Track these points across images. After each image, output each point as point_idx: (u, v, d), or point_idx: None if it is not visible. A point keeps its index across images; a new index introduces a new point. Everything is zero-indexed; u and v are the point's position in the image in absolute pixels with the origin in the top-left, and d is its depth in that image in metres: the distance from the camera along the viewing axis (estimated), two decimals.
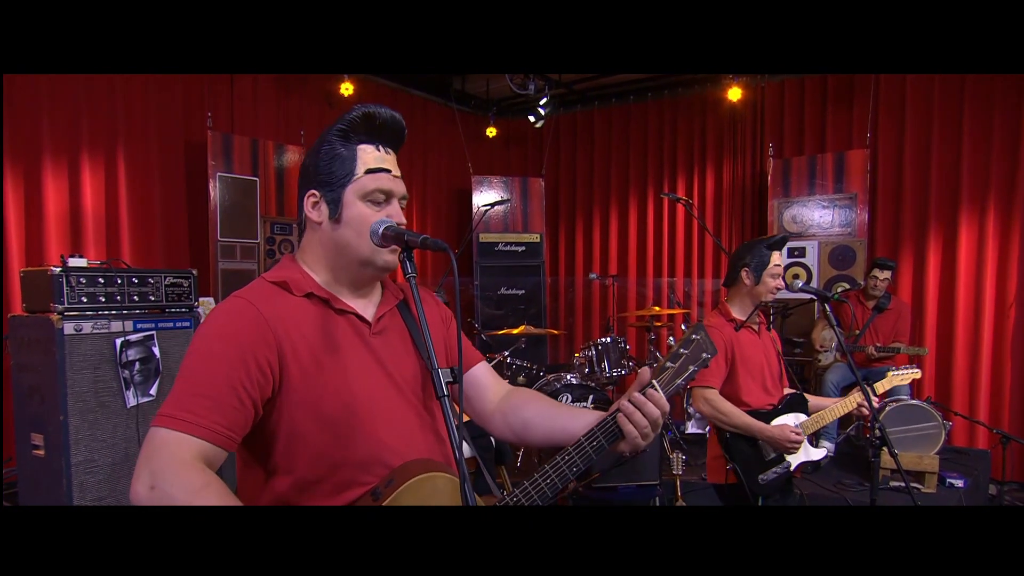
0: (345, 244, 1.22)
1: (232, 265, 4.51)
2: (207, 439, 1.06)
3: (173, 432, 1.05)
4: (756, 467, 2.46)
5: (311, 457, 1.15)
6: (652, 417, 1.23)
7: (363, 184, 1.21)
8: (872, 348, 4.50)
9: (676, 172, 6.32)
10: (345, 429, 1.16)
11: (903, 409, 3.95)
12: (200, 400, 1.07)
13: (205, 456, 1.05)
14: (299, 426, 1.15)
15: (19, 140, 3.74)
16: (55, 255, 3.74)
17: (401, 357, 1.27)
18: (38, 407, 2.93)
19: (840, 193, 5.20)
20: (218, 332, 1.14)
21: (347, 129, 1.22)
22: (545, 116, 5.82)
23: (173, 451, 1.03)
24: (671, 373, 1.36)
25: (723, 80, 5.56)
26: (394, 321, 1.31)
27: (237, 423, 1.09)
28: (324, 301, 1.22)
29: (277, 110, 5.18)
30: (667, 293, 6.18)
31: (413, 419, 1.25)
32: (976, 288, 4.88)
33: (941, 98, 5.01)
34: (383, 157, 1.24)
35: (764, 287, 2.57)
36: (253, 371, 1.11)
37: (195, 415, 1.06)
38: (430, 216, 6.56)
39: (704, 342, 1.39)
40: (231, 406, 1.08)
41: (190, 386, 1.09)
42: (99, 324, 2.97)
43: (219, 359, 1.10)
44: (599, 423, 1.26)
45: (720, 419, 2.50)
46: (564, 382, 4.44)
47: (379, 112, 1.22)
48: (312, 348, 1.17)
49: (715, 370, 2.52)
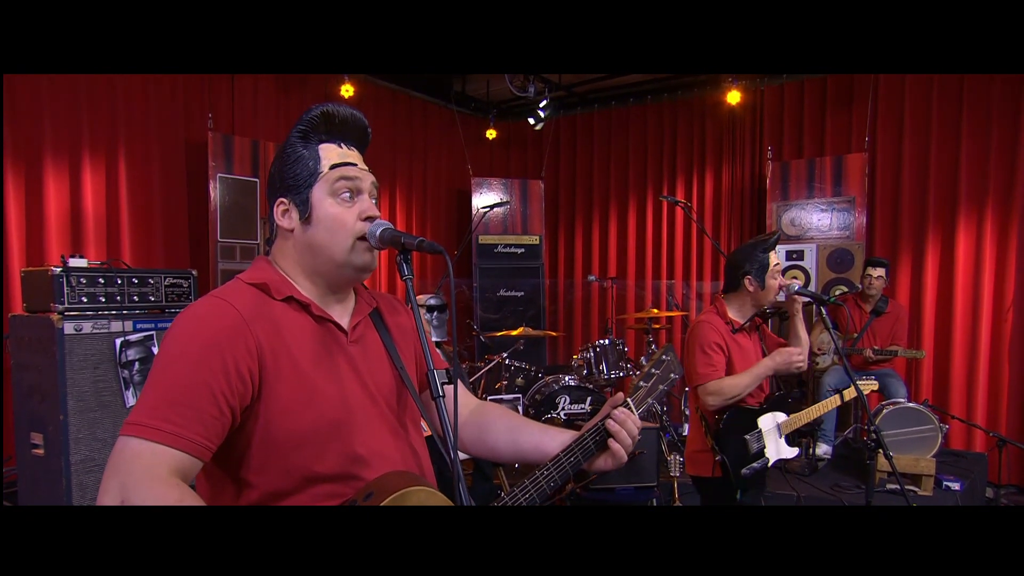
0: (319, 245, 1.16)
1: (232, 266, 4.53)
2: (185, 450, 0.98)
3: (146, 442, 0.96)
4: (741, 460, 2.47)
5: (285, 468, 1.09)
6: (632, 434, 1.28)
7: (328, 179, 1.16)
8: (870, 351, 4.52)
9: (675, 175, 6.34)
10: (323, 439, 1.11)
11: (900, 412, 3.96)
12: (177, 408, 0.99)
13: (181, 468, 0.98)
14: (275, 435, 1.08)
15: (21, 140, 3.76)
16: (56, 255, 3.75)
17: (376, 367, 1.23)
18: (38, 406, 2.94)
19: (839, 196, 5.21)
20: (195, 334, 1.06)
21: (306, 130, 1.19)
22: (545, 119, 5.84)
23: (147, 463, 0.95)
24: (644, 392, 1.40)
25: (722, 83, 5.58)
26: (368, 330, 1.27)
27: (215, 432, 1.02)
28: (304, 307, 1.17)
29: (277, 111, 5.20)
30: (666, 296, 6.19)
31: (387, 431, 1.20)
32: (974, 291, 4.90)
33: (939, 102, 5.03)
34: (346, 153, 1.20)
35: (769, 291, 2.57)
36: (233, 377, 1.04)
37: (172, 424, 0.98)
38: (430, 217, 6.58)
39: (673, 363, 1.43)
40: (211, 415, 1.01)
41: (164, 392, 1.01)
42: (99, 324, 2.98)
43: (197, 364, 1.02)
44: (576, 440, 1.28)
45: (734, 396, 2.49)
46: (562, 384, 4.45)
47: (337, 110, 1.19)
48: (293, 355, 1.11)
49: (718, 363, 2.53)
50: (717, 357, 2.54)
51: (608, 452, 1.29)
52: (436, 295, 3.89)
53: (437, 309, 3.76)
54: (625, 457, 1.28)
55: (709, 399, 2.51)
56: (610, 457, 1.29)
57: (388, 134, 6.03)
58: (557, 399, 4.37)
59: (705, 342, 2.56)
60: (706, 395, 2.52)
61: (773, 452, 2.55)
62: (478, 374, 4.74)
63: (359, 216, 1.17)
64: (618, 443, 1.27)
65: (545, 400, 4.36)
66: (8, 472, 3.46)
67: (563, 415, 4.32)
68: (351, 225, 1.16)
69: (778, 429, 2.60)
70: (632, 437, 1.28)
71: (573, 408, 4.38)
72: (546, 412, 4.32)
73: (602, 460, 1.30)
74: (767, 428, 2.56)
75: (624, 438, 1.27)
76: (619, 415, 1.28)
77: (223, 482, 1.11)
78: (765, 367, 2.52)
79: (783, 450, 2.61)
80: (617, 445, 1.27)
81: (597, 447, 1.29)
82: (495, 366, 4.78)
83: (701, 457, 2.60)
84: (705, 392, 2.52)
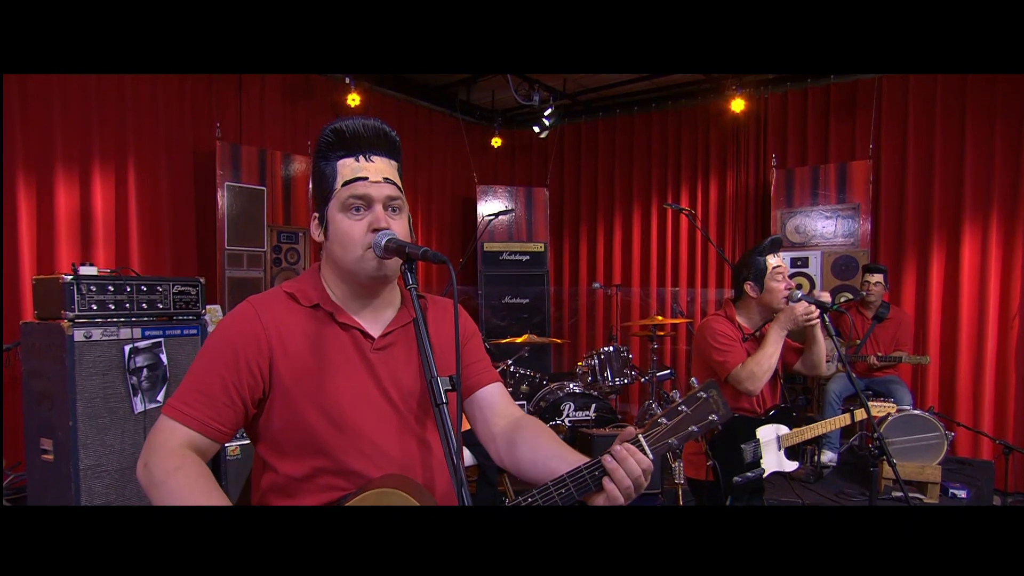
0: (336, 257, 1.26)
1: (239, 273, 4.56)
2: (197, 430, 1.18)
3: (169, 420, 1.18)
4: (733, 468, 2.47)
5: (297, 457, 1.23)
6: (633, 475, 1.13)
7: (339, 196, 1.24)
8: (873, 358, 4.51)
9: (679, 182, 6.36)
10: (328, 438, 1.21)
11: (905, 419, 3.95)
12: (196, 395, 1.19)
13: (195, 444, 1.18)
14: (285, 430, 1.23)
15: (33, 149, 3.82)
16: (66, 263, 3.80)
17: (402, 372, 1.30)
18: (48, 412, 2.97)
19: (843, 203, 5.22)
20: (220, 334, 1.24)
21: (324, 149, 1.26)
22: (550, 127, 5.87)
23: (166, 436, 1.17)
24: (663, 431, 1.21)
25: (726, 91, 5.60)
26: (404, 338, 1.32)
27: (227, 418, 1.20)
28: (329, 314, 1.27)
29: (284, 120, 5.24)
30: (670, 303, 6.20)
31: (404, 433, 1.27)
32: (980, 298, 4.89)
33: (943, 108, 5.03)
34: (362, 166, 1.24)
35: (771, 294, 2.56)
36: (244, 373, 1.20)
37: (190, 407, 1.18)
38: (435, 225, 6.61)
39: (715, 402, 1.23)
40: (222, 402, 1.19)
41: (191, 381, 1.21)
42: (108, 331, 3.02)
43: (216, 359, 1.21)
44: (572, 471, 1.17)
45: (769, 368, 2.48)
46: (567, 391, 4.46)
47: (345, 125, 1.25)
48: (303, 359, 1.23)
49: (735, 348, 2.54)
50: (732, 343, 2.54)
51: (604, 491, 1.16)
52: None
53: None
54: (620, 499, 1.13)
55: (747, 385, 2.47)
56: (604, 497, 1.15)
57: None
58: (562, 406, 4.38)
59: (716, 334, 2.56)
60: (740, 383, 2.48)
61: (771, 464, 2.54)
62: None
63: (368, 228, 1.22)
64: (613, 483, 1.13)
65: (550, 407, 4.37)
66: (18, 477, 3.50)
67: (567, 422, 4.33)
68: (359, 238, 1.22)
69: (778, 441, 2.60)
70: (634, 478, 1.14)
71: (577, 415, 4.38)
72: (550, 419, 4.33)
73: (598, 498, 1.16)
74: (766, 439, 2.55)
75: (621, 478, 1.13)
76: (619, 452, 1.15)
77: (260, 463, 1.29)
78: (775, 332, 2.51)
79: (783, 463, 2.60)
80: (611, 485, 1.13)
81: (594, 483, 1.16)
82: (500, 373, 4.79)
83: (697, 460, 2.60)
84: (738, 380, 2.49)
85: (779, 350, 2.51)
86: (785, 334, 2.53)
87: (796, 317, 2.50)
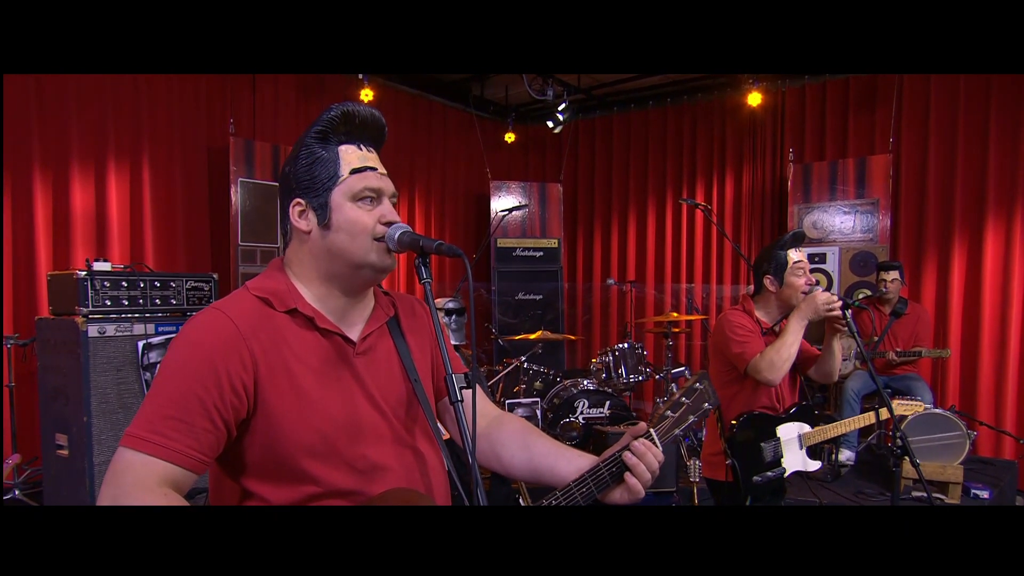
0: (340, 249, 1.15)
1: (252, 269, 4.57)
2: (176, 462, 1.00)
3: (139, 454, 0.99)
4: (753, 467, 2.43)
5: (288, 481, 1.09)
6: (652, 468, 1.21)
7: (350, 185, 1.15)
8: (892, 353, 4.44)
9: (695, 177, 6.29)
10: (322, 454, 1.09)
11: (926, 418, 3.87)
12: (170, 422, 1.01)
13: (172, 479, 1.00)
14: (275, 449, 1.08)
15: (49, 146, 3.84)
16: (81, 259, 3.81)
17: (386, 378, 1.21)
18: (63, 408, 2.99)
19: (862, 198, 5.13)
20: (192, 348, 1.06)
21: (325, 130, 1.16)
22: (564, 121, 5.82)
23: (137, 474, 0.98)
24: (670, 423, 1.31)
25: (743, 85, 5.52)
26: (382, 340, 1.24)
27: (208, 445, 1.03)
28: (308, 319, 1.14)
29: (297, 117, 5.24)
30: (685, 299, 6.15)
31: (398, 445, 1.18)
32: (1003, 295, 4.79)
33: (966, 101, 4.92)
34: (366, 156, 1.18)
35: (790, 289, 2.51)
36: (227, 392, 1.04)
37: (164, 437, 1.00)
38: (448, 221, 6.59)
39: (707, 392, 1.34)
40: (202, 428, 1.02)
41: (160, 405, 1.02)
42: (122, 327, 3.02)
43: (192, 377, 1.03)
44: (591, 470, 1.21)
45: (789, 357, 2.41)
46: (581, 388, 4.43)
47: (358, 110, 1.17)
48: (291, 369, 1.10)
49: (753, 340, 2.48)
50: (751, 335, 2.50)
51: (624, 485, 1.23)
52: (454, 298, 3.89)
53: (455, 312, 3.76)
54: (642, 493, 1.21)
55: (766, 375, 2.41)
56: (626, 491, 1.22)
57: (407, 138, 6.06)
58: (576, 403, 4.34)
59: (733, 326, 2.52)
60: (759, 373, 2.42)
61: (792, 463, 2.50)
62: (496, 378, 4.73)
63: (379, 220, 1.16)
64: (635, 477, 1.21)
65: (563, 404, 4.34)
66: (34, 472, 3.52)
67: (581, 419, 4.30)
68: (371, 228, 1.15)
69: (800, 440, 2.55)
70: (652, 472, 1.21)
71: (592, 412, 4.35)
72: (564, 416, 4.29)
73: (617, 493, 1.23)
74: (787, 438, 2.51)
75: (642, 472, 1.20)
76: (639, 447, 1.21)
77: (234, 493, 1.12)
78: (796, 321, 2.43)
79: (806, 463, 2.55)
80: (634, 480, 1.21)
81: (612, 479, 1.22)
82: (513, 370, 4.77)
83: (716, 460, 2.56)
84: (757, 370, 2.43)
85: (799, 340, 2.44)
86: (806, 324, 2.45)
87: (818, 307, 2.42)
